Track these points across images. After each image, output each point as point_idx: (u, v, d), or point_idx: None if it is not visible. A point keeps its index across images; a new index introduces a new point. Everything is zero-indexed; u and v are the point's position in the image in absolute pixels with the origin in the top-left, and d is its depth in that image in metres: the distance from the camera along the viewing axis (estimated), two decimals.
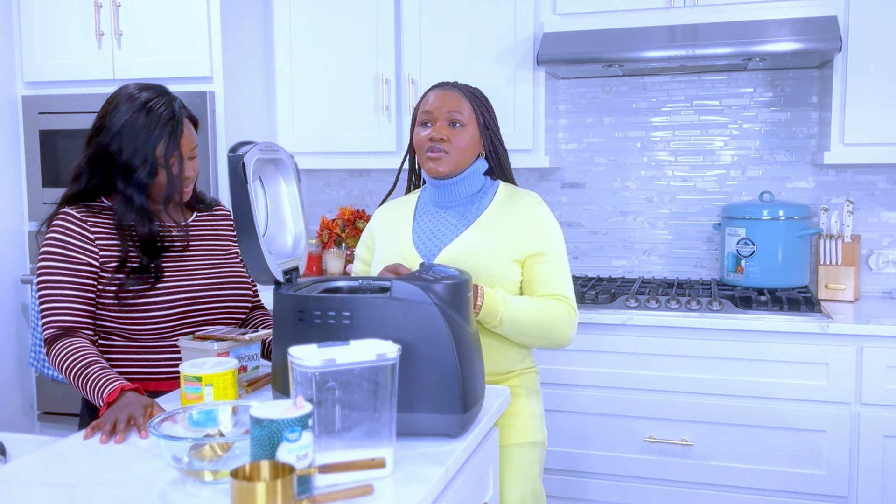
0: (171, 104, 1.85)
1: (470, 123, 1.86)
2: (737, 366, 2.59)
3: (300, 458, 1.15)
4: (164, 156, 1.82)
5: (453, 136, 1.84)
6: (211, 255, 1.98)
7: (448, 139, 1.83)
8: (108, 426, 1.49)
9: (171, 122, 1.83)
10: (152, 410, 1.54)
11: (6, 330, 3.22)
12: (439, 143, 1.83)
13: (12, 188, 3.23)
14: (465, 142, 1.85)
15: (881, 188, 3.01)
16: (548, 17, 2.95)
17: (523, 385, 1.90)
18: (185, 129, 1.87)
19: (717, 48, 2.68)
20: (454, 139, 1.84)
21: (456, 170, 1.86)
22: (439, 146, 1.83)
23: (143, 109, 1.82)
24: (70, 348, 1.73)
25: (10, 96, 3.21)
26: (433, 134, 1.84)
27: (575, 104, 3.32)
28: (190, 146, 1.88)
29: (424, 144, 1.86)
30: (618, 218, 3.30)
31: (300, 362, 1.23)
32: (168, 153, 1.82)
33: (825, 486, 2.55)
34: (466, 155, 1.87)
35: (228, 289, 1.96)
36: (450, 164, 1.85)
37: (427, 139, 1.85)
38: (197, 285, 1.90)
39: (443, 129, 1.84)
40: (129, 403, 1.55)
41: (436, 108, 1.85)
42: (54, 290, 1.79)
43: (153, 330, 1.84)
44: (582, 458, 2.76)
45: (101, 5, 3.08)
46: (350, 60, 3.19)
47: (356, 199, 3.61)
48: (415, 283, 1.43)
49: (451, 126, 1.85)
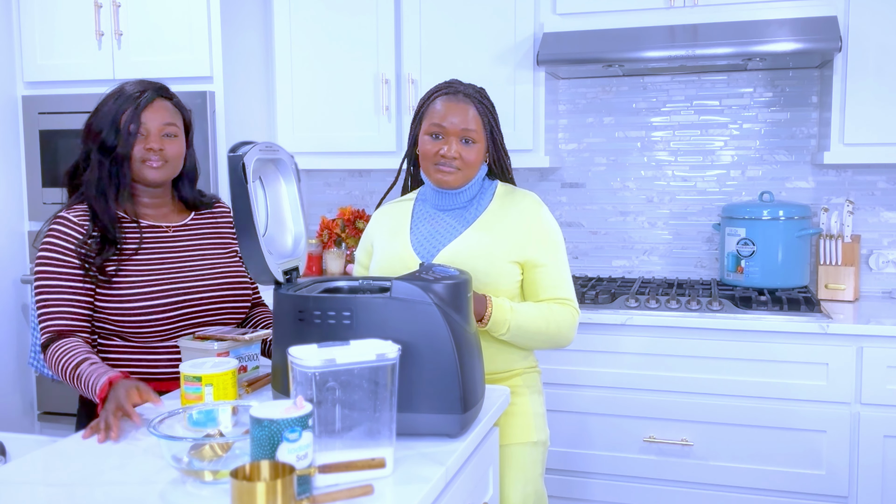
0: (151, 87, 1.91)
1: (480, 138, 1.86)
2: (737, 366, 2.59)
3: (300, 458, 1.15)
4: (126, 121, 1.85)
5: (465, 152, 1.84)
6: (211, 254, 1.98)
7: (460, 157, 1.83)
8: (102, 424, 1.50)
9: (140, 96, 1.87)
10: (139, 393, 1.55)
11: (6, 330, 3.22)
12: (451, 161, 1.83)
13: (12, 188, 3.23)
14: (475, 157, 1.86)
15: (881, 188, 3.01)
16: (548, 17, 2.95)
17: (526, 384, 1.91)
18: (157, 105, 1.89)
19: (717, 48, 2.68)
20: (465, 156, 1.84)
21: (464, 182, 1.87)
22: (452, 164, 1.84)
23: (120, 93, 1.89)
24: (62, 349, 1.74)
25: (10, 96, 3.21)
26: (445, 151, 1.83)
27: (575, 104, 3.32)
28: (160, 120, 1.89)
29: (433, 158, 1.85)
30: (618, 218, 3.30)
31: (300, 362, 1.23)
32: (128, 120, 1.85)
33: (825, 486, 2.55)
34: (475, 168, 1.88)
35: (229, 288, 1.96)
36: (460, 178, 1.86)
37: (438, 154, 1.84)
38: (195, 285, 1.90)
39: (455, 147, 1.83)
40: (116, 394, 1.56)
41: (449, 125, 1.83)
42: (50, 294, 1.80)
43: (152, 329, 1.84)
44: (582, 458, 2.76)
45: (101, 5, 3.08)
46: (350, 60, 3.19)
47: (356, 199, 3.61)
48: (415, 283, 1.43)
49: (463, 142, 1.84)
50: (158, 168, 1.90)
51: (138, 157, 1.88)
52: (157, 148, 1.88)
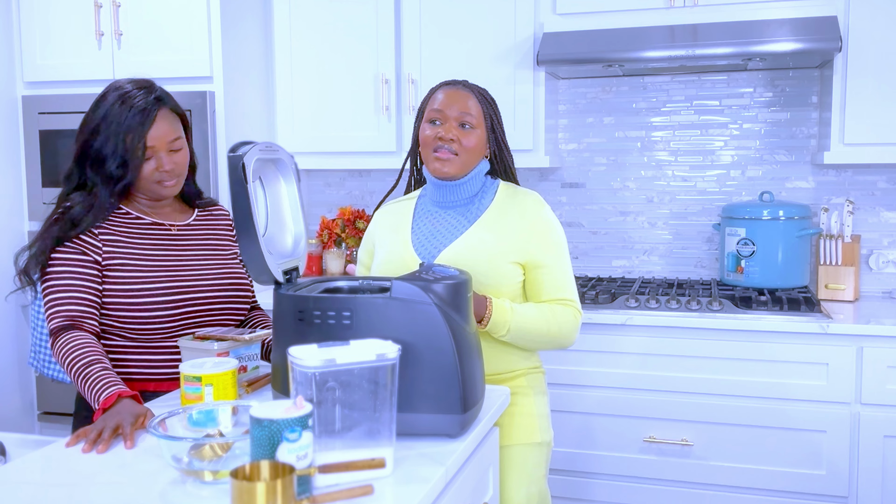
0: (148, 97, 1.83)
1: (479, 125, 1.86)
2: (737, 366, 2.59)
3: (300, 458, 1.15)
4: (131, 148, 1.80)
5: (463, 137, 1.83)
6: (211, 255, 1.98)
7: (458, 140, 1.83)
8: (93, 434, 1.45)
9: (141, 115, 1.81)
10: (144, 421, 1.50)
11: (6, 330, 3.22)
12: (449, 143, 1.82)
13: (12, 188, 3.23)
14: (473, 143, 1.84)
15: (881, 188, 3.01)
16: (548, 17, 2.95)
17: (529, 385, 1.90)
18: (160, 121, 1.83)
19: (717, 48, 2.68)
20: (464, 140, 1.83)
21: (462, 171, 1.86)
22: (448, 147, 1.83)
23: (118, 101, 1.82)
24: (73, 343, 1.70)
25: (10, 96, 3.21)
26: (443, 133, 1.82)
27: (575, 104, 3.32)
28: (166, 139, 1.84)
29: (432, 143, 1.84)
30: (618, 218, 3.30)
31: (300, 362, 1.23)
32: (133, 144, 1.80)
33: (825, 486, 2.55)
34: (474, 157, 1.86)
35: (228, 289, 1.96)
36: (457, 165, 1.84)
37: (435, 138, 1.83)
38: (197, 285, 1.90)
39: (453, 130, 1.83)
40: (121, 412, 1.51)
41: (447, 107, 1.84)
42: (59, 282, 1.78)
43: (153, 329, 1.84)
44: (582, 458, 2.76)
45: (101, 5, 3.08)
46: (350, 60, 3.19)
47: (356, 199, 3.61)
48: (415, 283, 1.43)
49: (461, 127, 1.84)
50: (174, 185, 1.89)
51: (152, 179, 1.85)
52: (170, 167, 1.85)
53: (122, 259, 1.84)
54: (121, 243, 1.85)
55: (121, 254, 1.84)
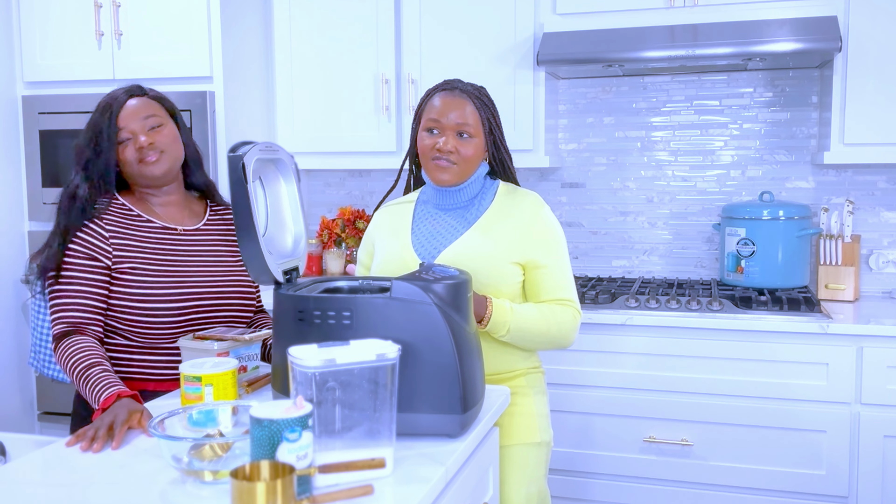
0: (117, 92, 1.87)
1: (477, 133, 1.85)
2: (737, 366, 2.59)
3: (300, 458, 1.15)
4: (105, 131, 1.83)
5: (461, 146, 1.83)
6: (220, 259, 1.96)
7: (456, 150, 1.83)
8: (90, 432, 1.46)
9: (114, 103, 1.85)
10: (140, 418, 1.50)
11: (6, 330, 3.22)
12: (447, 155, 1.83)
13: (12, 188, 3.23)
14: (471, 153, 1.85)
15: (881, 188, 3.01)
16: (548, 17, 2.95)
17: (529, 385, 1.90)
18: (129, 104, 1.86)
19: (717, 48, 2.68)
20: (462, 150, 1.83)
21: (461, 179, 1.86)
22: (447, 158, 1.83)
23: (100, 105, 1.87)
24: (76, 347, 1.72)
25: (10, 96, 3.21)
26: (441, 146, 1.82)
27: (575, 104, 3.32)
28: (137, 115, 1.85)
29: (430, 153, 1.84)
30: (618, 218, 3.30)
31: (300, 362, 1.23)
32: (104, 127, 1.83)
33: (825, 486, 2.55)
34: (472, 164, 1.87)
35: (234, 294, 1.95)
36: (456, 174, 1.85)
37: (434, 149, 1.84)
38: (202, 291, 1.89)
39: (451, 141, 1.83)
40: (116, 411, 1.52)
41: (444, 118, 1.83)
42: (67, 287, 1.79)
43: (157, 329, 1.84)
44: (582, 458, 2.76)
45: (101, 5, 3.08)
46: (350, 60, 3.19)
47: (356, 199, 3.61)
48: (415, 283, 1.43)
49: (459, 136, 1.84)
50: (157, 161, 1.86)
51: (134, 161, 1.85)
52: (146, 143, 1.84)
53: (132, 262, 1.84)
54: (130, 247, 1.85)
55: (130, 257, 1.84)
